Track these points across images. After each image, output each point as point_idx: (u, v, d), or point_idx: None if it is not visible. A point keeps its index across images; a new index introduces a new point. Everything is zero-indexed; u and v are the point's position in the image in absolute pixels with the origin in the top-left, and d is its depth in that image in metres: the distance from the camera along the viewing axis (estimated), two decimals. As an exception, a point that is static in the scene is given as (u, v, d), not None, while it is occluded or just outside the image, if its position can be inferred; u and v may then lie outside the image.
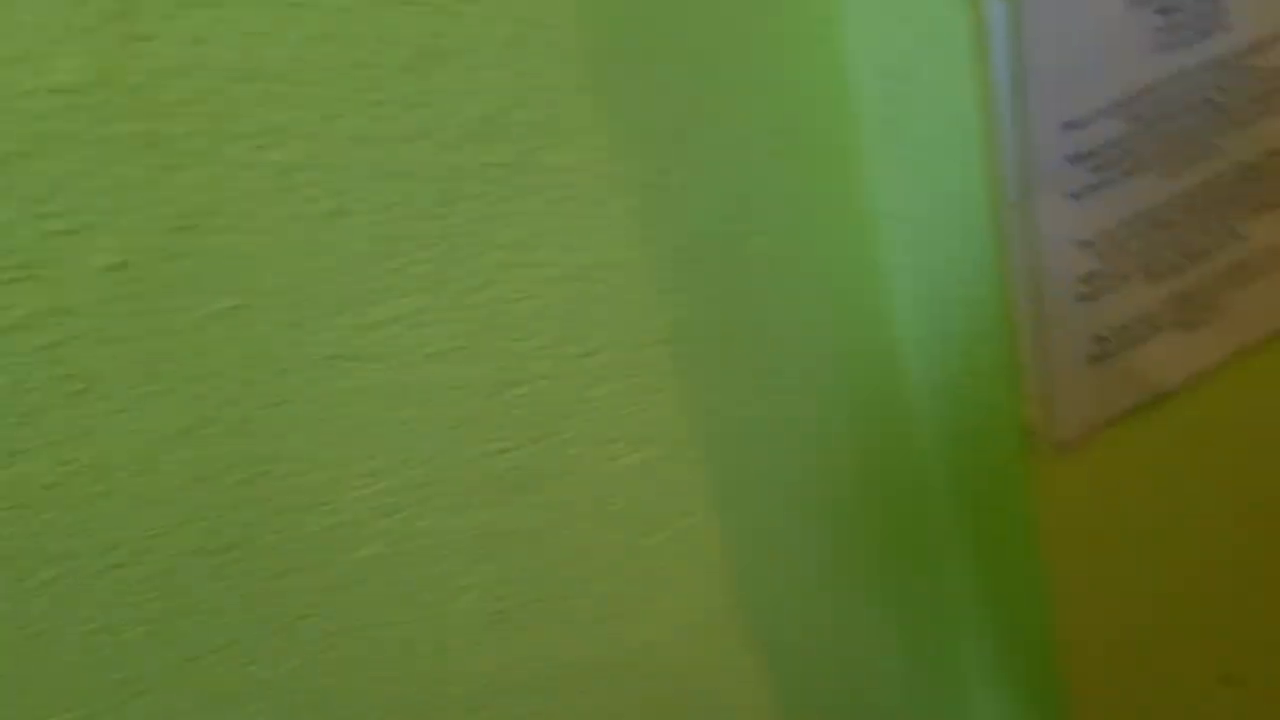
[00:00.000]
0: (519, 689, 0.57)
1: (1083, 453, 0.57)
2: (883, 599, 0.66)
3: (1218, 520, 0.64)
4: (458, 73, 0.47)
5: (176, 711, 0.49)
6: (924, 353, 0.59)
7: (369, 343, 0.48)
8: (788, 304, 0.58)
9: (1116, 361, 0.56)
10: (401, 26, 0.45)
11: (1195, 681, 0.68)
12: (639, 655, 0.60)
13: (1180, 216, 0.56)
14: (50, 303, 0.43)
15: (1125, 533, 0.62)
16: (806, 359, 0.59)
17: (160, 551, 0.47)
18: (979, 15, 0.48)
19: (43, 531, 0.45)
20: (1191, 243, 0.57)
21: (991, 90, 0.49)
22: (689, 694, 0.63)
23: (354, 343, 0.48)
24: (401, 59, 0.46)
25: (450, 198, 0.48)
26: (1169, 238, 0.56)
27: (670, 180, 0.53)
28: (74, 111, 0.41)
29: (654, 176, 0.52)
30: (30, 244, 0.42)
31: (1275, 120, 0.57)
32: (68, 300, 0.43)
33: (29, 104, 0.40)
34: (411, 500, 0.51)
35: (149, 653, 0.48)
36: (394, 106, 0.46)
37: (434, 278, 0.49)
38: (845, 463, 0.62)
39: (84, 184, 0.42)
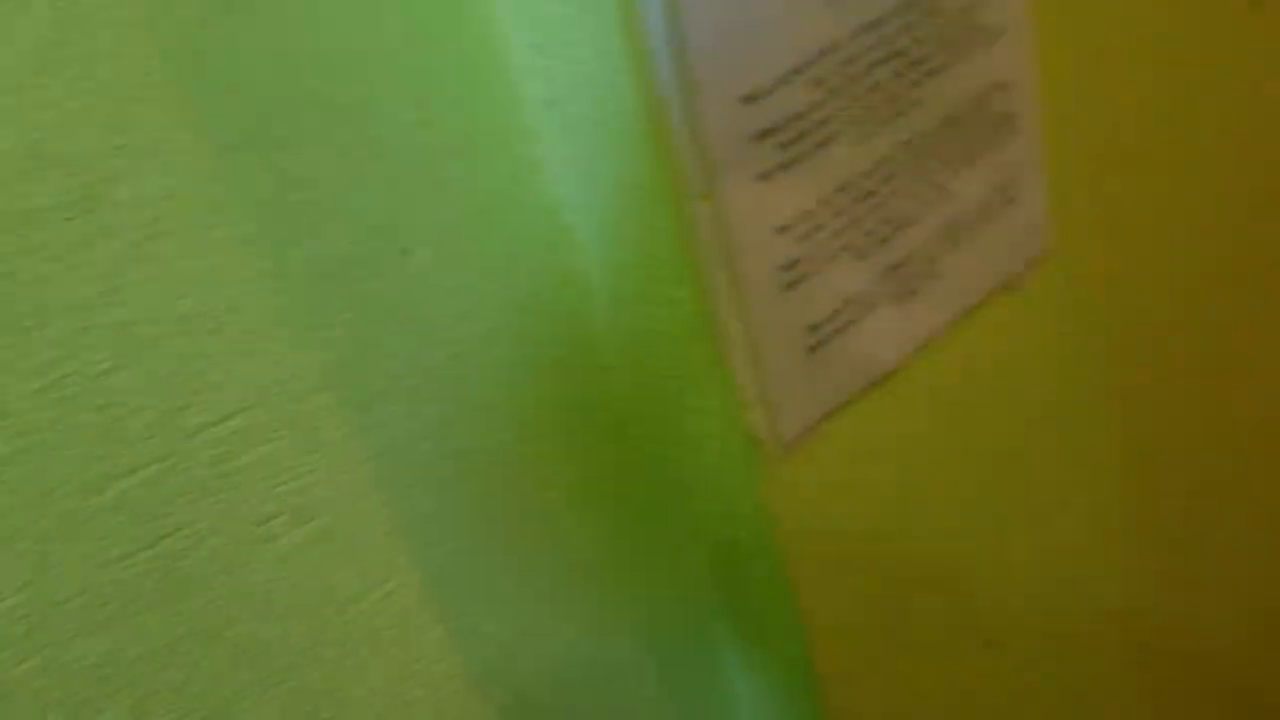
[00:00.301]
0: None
1: (812, 448, 0.52)
2: (627, 622, 0.60)
3: (959, 489, 0.61)
4: (-38, 98, 0.36)
5: None
6: (630, 357, 0.53)
7: (-106, 461, 0.37)
8: (467, 321, 0.50)
9: (833, 349, 0.51)
10: None
11: (957, 649, 0.65)
12: (349, 745, 0.52)
13: (882, 184, 0.51)
14: None
15: (868, 518, 0.58)
16: (499, 377, 0.51)
17: None
18: (627, -22, 0.41)
19: None
20: (898, 210, 0.52)
21: (652, 65, 0.42)
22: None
23: None
24: (-128, 87, 0.34)
25: (-18, 260, 0.37)
26: (873, 208, 0.51)
27: (295, 196, 0.44)
28: None
29: (271, 193, 0.43)
30: None
31: (972, 64, 0.53)
32: None
33: None
34: (3, 640, 0.41)
35: None
36: (-126, 151, 0.35)
37: (-23, 364, 0.38)
38: (562, 484, 0.55)
39: None
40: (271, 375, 0.44)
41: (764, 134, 0.45)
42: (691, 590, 0.61)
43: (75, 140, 0.38)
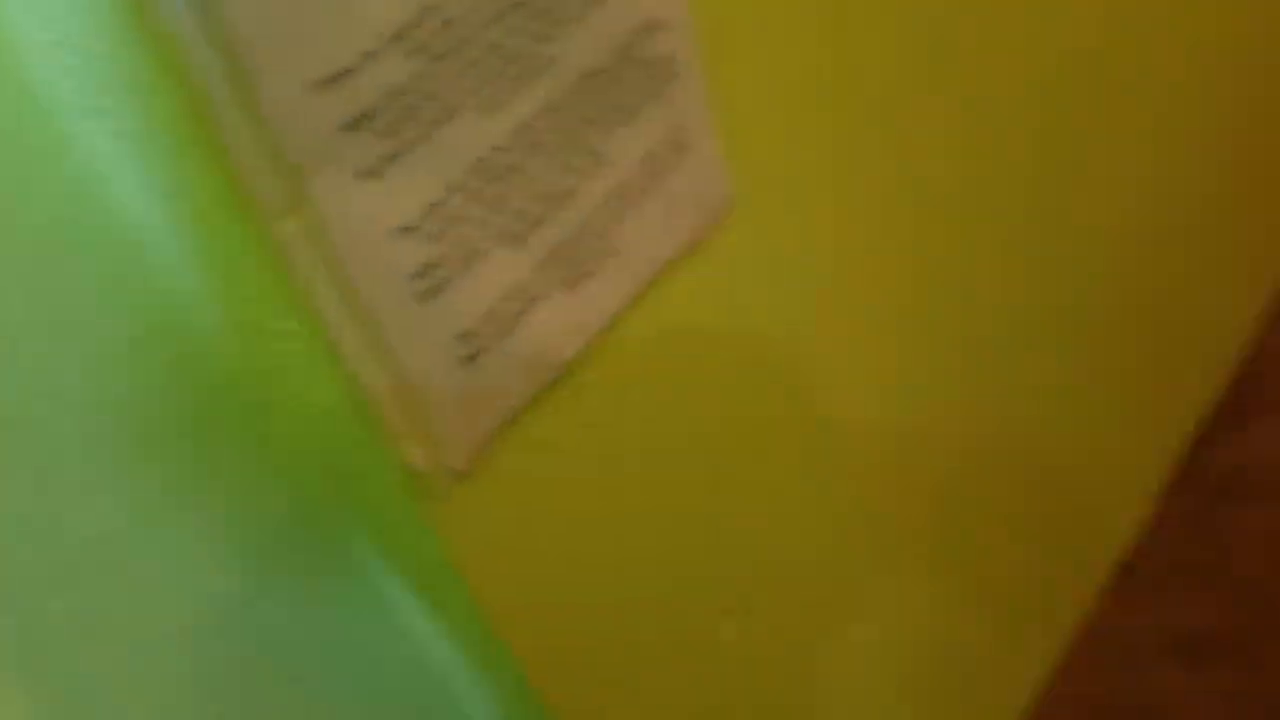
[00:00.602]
0: None
1: (491, 464, 0.46)
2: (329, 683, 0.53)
3: (669, 464, 0.56)
4: None
5: None
6: (253, 402, 0.44)
7: None
8: (33, 386, 0.40)
9: (497, 354, 0.44)
10: None
11: (696, 624, 0.61)
12: None
13: (526, 157, 0.44)
14: None
15: (572, 518, 0.52)
16: (103, 449, 0.42)
17: None
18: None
19: None
20: (551, 183, 0.45)
21: (186, 54, 0.33)
22: None
23: None
24: None
25: None
26: (520, 186, 0.44)
27: None
28: None
29: None
30: None
31: (612, 6, 0.46)
32: None
33: None
34: None
35: None
36: None
37: None
38: (221, 550, 0.47)
39: None
40: None
41: (357, 122, 0.38)
42: (396, 638, 0.54)
43: None
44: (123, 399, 0.42)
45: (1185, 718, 1.08)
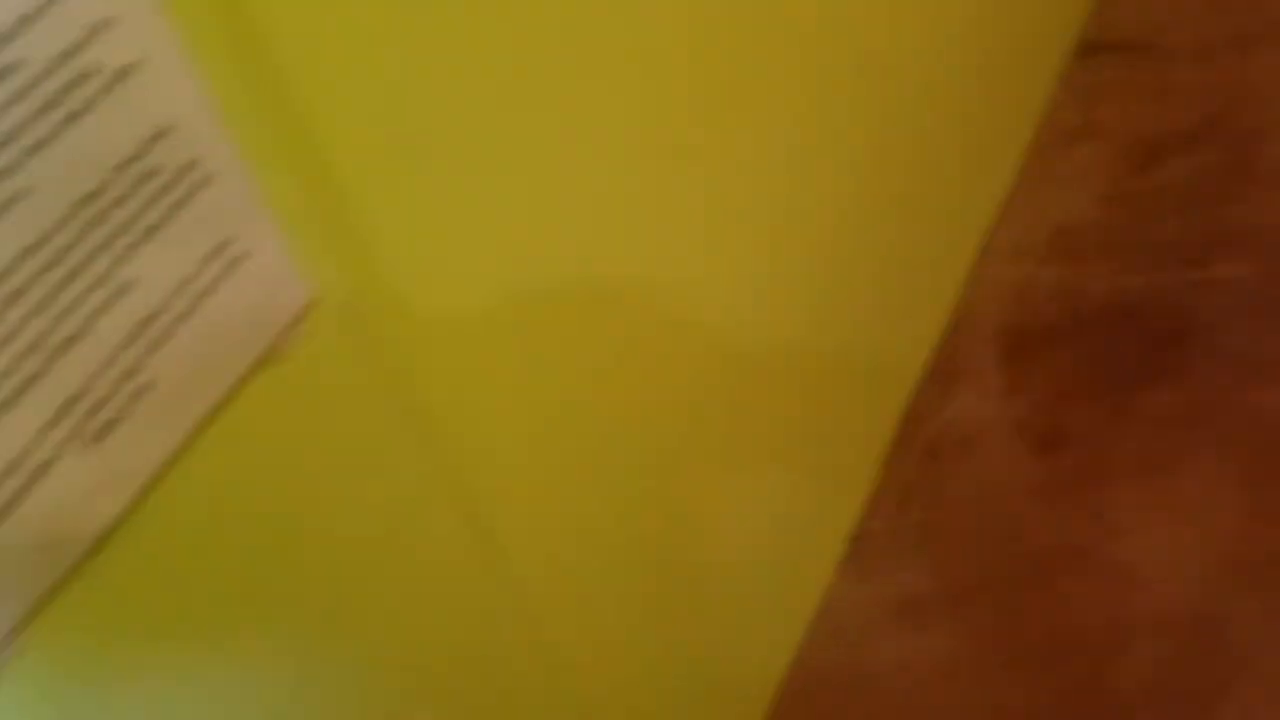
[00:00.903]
0: None
1: (9, 674, 0.39)
2: None
3: (271, 609, 0.51)
4: None
5: None
6: None
7: None
8: None
9: (-7, 545, 0.38)
10: None
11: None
12: None
13: (5, 310, 0.37)
14: None
15: (146, 697, 0.46)
16: None
17: None
18: None
19: None
20: (45, 331, 0.39)
21: None
22: None
23: None
24: None
25: None
26: (27, 343, 0.37)
27: None
28: None
29: None
30: None
31: (101, 120, 0.40)
32: None
33: None
34: None
35: None
36: None
37: None
38: None
39: None
40: None
41: None
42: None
43: None
44: None
45: (909, 683, 1.12)
